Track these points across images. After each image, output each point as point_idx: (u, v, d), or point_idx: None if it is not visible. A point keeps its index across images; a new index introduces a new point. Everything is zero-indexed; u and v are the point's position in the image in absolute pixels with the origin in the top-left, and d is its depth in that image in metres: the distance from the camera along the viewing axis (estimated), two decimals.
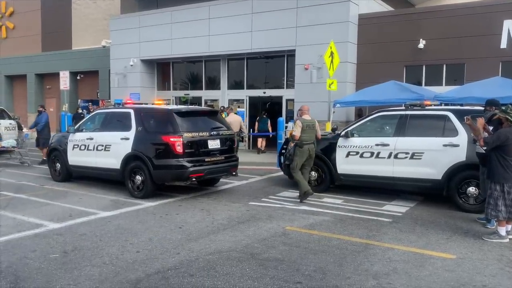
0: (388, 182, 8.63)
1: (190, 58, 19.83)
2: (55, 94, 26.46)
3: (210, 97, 19.97)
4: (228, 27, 17.56)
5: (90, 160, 9.81)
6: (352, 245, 5.90)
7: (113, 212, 7.65)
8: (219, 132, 9.18)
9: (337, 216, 7.45)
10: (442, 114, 8.25)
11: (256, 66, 19.15)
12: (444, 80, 14.73)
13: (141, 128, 8.91)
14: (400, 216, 7.50)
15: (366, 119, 9.29)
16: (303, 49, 15.93)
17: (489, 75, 12.45)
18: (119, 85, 20.96)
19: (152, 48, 19.90)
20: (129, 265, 5.10)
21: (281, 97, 17.86)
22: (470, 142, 7.52)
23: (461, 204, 7.86)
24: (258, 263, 5.14)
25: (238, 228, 6.68)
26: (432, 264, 5.21)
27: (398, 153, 8.39)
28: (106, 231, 6.47)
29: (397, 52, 15.07)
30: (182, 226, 6.78)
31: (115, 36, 21.13)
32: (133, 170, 8.88)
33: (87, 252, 5.54)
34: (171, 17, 19.22)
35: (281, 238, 6.18)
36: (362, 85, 15.07)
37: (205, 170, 8.70)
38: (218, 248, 5.71)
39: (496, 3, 13.62)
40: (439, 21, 14.51)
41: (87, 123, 10.56)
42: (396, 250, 5.68)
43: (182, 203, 8.43)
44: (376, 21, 15.64)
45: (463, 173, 7.82)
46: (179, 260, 5.24)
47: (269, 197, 9.03)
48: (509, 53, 13.42)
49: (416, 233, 6.51)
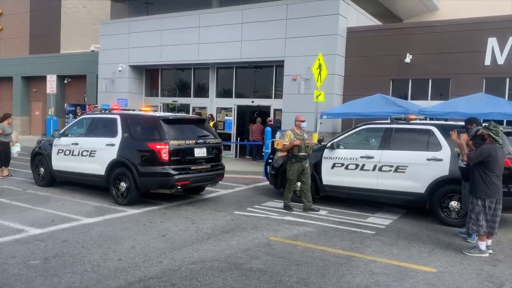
0: (372, 194, 8.71)
1: (179, 65, 19.84)
2: (41, 97, 26.22)
3: (198, 104, 19.96)
4: (218, 36, 17.63)
5: (74, 166, 9.72)
6: (335, 256, 5.93)
7: (97, 219, 7.58)
8: (206, 140, 9.18)
9: (321, 227, 7.49)
10: (427, 129, 8.38)
11: (245, 75, 19.22)
12: (430, 95, 14.95)
13: (127, 135, 8.87)
14: (384, 229, 7.56)
15: (352, 131, 9.39)
16: (291, 60, 16.06)
17: (473, 91, 12.68)
18: (106, 90, 20.84)
19: (141, 54, 19.87)
20: (110, 273, 5.05)
21: (269, 106, 17.95)
22: (454, 156, 7.65)
23: (443, 218, 7.96)
24: (241, 274, 5.14)
25: (222, 237, 6.67)
26: (413, 277, 5.26)
27: (383, 165, 8.48)
28: (89, 238, 6.40)
29: (384, 65, 15.28)
30: (166, 234, 6.74)
31: (104, 41, 21.05)
32: (118, 176, 8.83)
33: (68, 259, 5.48)
34: (161, 24, 19.23)
35: (264, 248, 6.18)
36: (349, 97, 15.22)
37: (190, 178, 8.69)
38: (201, 257, 5.69)
39: (481, 21, 13.92)
40: (426, 36, 14.76)
41: (73, 128, 10.48)
42: (379, 263, 5.73)
43: (166, 211, 8.39)
44: (364, 34, 15.85)
45: (445, 187, 7.93)
46: (161, 269, 5.21)
47: (255, 206, 9.04)
48: (492, 70, 13.70)
49: (398, 246, 6.57)
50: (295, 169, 8.60)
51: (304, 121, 8.90)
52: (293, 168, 8.61)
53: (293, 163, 8.60)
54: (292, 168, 8.62)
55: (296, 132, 8.67)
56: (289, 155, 8.63)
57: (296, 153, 8.53)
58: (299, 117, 9.02)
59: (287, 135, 8.66)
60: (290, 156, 8.62)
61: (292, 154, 8.58)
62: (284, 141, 8.70)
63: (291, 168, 8.64)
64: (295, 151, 8.53)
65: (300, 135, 8.65)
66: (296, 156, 8.55)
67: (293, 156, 8.59)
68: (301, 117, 9.05)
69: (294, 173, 8.61)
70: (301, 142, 8.52)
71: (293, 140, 8.54)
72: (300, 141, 8.51)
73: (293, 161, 8.60)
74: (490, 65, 13.70)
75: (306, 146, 8.62)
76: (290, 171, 8.64)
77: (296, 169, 8.60)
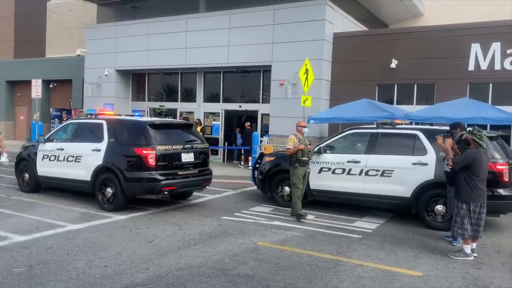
0: (359, 198, 8.77)
1: (166, 69, 19.78)
2: (26, 102, 25.88)
3: (185, 109, 19.90)
4: (205, 40, 17.63)
5: (60, 171, 9.60)
6: (322, 261, 5.94)
7: (82, 225, 7.50)
8: (193, 145, 9.15)
9: (309, 232, 7.50)
10: (412, 133, 8.47)
11: (233, 80, 19.24)
12: (415, 100, 15.12)
13: (113, 140, 8.80)
14: (370, 233, 7.61)
15: (339, 136, 9.44)
16: (279, 65, 16.12)
17: (458, 96, 12.87)
18: (93, 94, 20.68)
19: (127, 59, 19.76)
20: (96, 280, 4.99)
21: (257, 111, 17.97)
22: (439, 160, 7.74)
23: (429, 221, 8.04)
24: (228, 279, 5.12)
25: (209, 243, 6.64)
26: (400, 281, 5.29)
27: (369, 170, 8.55)
28: (74, 245, 6.33)
29: (370, 71, 15.42)
30: (153, 240, 6.69)
31: (90, 45, 20.90)
32: (104, 182, 8.74)
33: (53, 266, 5.41)
34: (148, 28, 19.16)
35: (252, 253, 6.17)
36: (335, 102, 15.33)
37: (177, 183, 8.65)
38: (188, 263, 5.66)
39: (465, 27, 14.16)
40: (411, 42, 14.95)
41: (58, 133, 10.36)
42: (365, 267, 5.76)
43: (153, 217, 8.33)
44: (351, 40, 16.00)
45: (431, 191, 8.01)
46: (148, 276, 5.17)
47: (242, 211, 9.02)
48: (476, 76, 13.93)
49: (385, 250, 6.61)
50: (299, 174, 8.46)
51: (306, 126, 8.85)
52: (297, 173, 8.46)
53: (296, 167, 8.46)
54: (295, 172, 8.47)
55: (298, 137, 8.58)
56: (292, 160, 8.48)
57: (300, 157, 8.44)
58: (301, 123, 8.99)
59: (290, 140, 8.52)
60: (294, 161, 8.46)
61: (295, 158, 8.45)
62: (288, 146, 8.58)
63: (294, 172, 8.48)
64: (299, 155, 8.43)
65: (303, 140, 8.59)
66: (299, 160, 8.43)
67: (296, 161, 8.45)
68: (303, 122, 9.06)
69: (299, 177, 8.46)
70: (304, 146, 8.47)
71: (297, 144, 8.44)
72: (304, 146, 8.45)
73: (297, 166, 8.45)
74: (474, 71, 13.93)
75: (308, 151, 8.58)
76: (294, 176, 8.48)
77: (299, 173, 8.46)
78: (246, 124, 17.43)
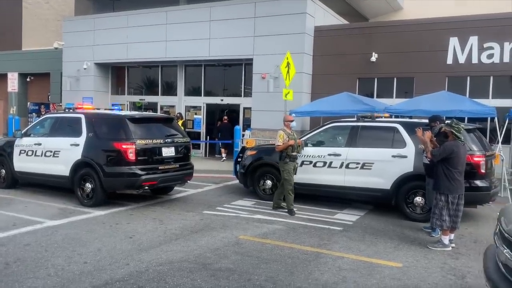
0: (340, 191, 8.84)
1: (146, 63, 19.53)
2: (2, 96, 25.23)
3: (166, 103, 19.72)
4: (186, 33, 17.47)
5: (37, 167, 9.43)
6: (303, 254, 5.97)
7: (61, 221, 7.37)
8: (174, 139, 9.07)
9: (290, 225, 7.53)
10: (391, 126, 8.56)
11: (214, 73, 19.13)
12: (395, 93, 15.28)
13: (92, 134, 8.66)
14: (351, 225, 7.68)
15: (320, 130, 9.48)
16: (260, 58, 16.08)
17: (437, 89, 13.05)
18: (71, 88, 20.31)
19: (106, 52, 19.44)
20: (75, 276, 4.92)
21: (239, 105, 17.93)
22: (418, 153, 7.84)
23: (409, 213, 8.15)
24: (209, 274, 5.11)
25: (191, 237, 6.61)
26: (380, 272, 5.36)
27: (350, 163, 8.61)
28: (53, 241, 6.22)
29: (351, 64, 15.50)
30: (133, 236, 6.63)
31: (68, 38, 20.48)
32: (83, 177, 8.62)
33: (31, 263, 5.31)
34: (127, 21, 18.87)
35: (234, 247, 6.17)
36: (317, 95, 15.38)
37: (158, 178, 8.57)
38: (169, 258, 5.62)
39: (443, 21, 14.33)
40: (391, 35, 15.07)
41: (36, 128, 10.15)
42: (346, 259, 5.81)
43: (133, 212, 8.25)
44: (331, 33, 16.04)
45: (410, 183, 8.12)
46: (128, 271, 5.12)
47: (224, 205, 9.00)
48: (454, 69, 14.13)
49: (365, 241, 6.68)
50: (289, 169, 8.44)
51: (293, 120, 8.80)
52: (288, 168, 8.43)
53: (287, 162, 8.42)
54: (286, 167, 8.43)
55: (287, 132, 8.55)
56: (283, 155, 8.44)
57: (290, 152, 8.40)
58: (288, 117, 8.96)
59: (279, 136, 8.48)
60: (284, 156, 8.43)
61: (286, 154, 8.41)
62: (277, 142, 8.53)
63: (285, 168, 8.43)
64: (289, 151, 8.39)
65: (292, 135, 8.56)
66: (289, 155, 8.40)
67: (286, 156, 8.41)
68: (290, 116, 9.02)
69: (290, 172, 8.44)
70: (294, 142, 8.44)
71: (286, 140, 8.40)
72: (293, 141, 8.41)
73: (287, 161, 8.41)
74: (452, 64, 14.13)
75: (297, 145, 8.54)
76: (285, 171, 8.43)
77: (290, 168, 8.45)
78: (224, 118, 17.43)
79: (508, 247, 3.53)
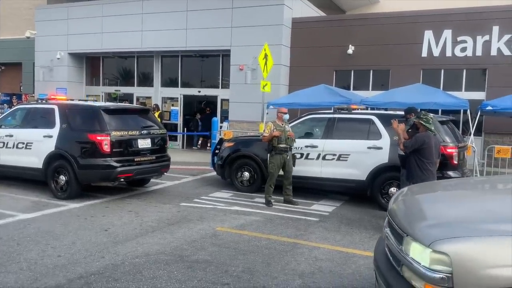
0: (316, 182, 8.93)
1: (121, 53, 19.21)
2: None
3: (142, 94, 19.45)
4: (163, 23, 17.23)
5: (9, 159, 9.19)
6: (280, 244, 6.02)
7: (34, 214, 7.22)
8: (150, 131, 8.97)
9: (267, 216, 7.57)
10: (367, 118, 8.67)
11: (191, 65, 18.94)
12: (371, 85, 15.46)
13: (66, 126, 8.49)
14: (327, 216, 7.77)
15: (297, 121, 9.53)
16: (238, 49, 16.00)
17: (411, 81, 13.26)
18: (44, 79, 19.83)
19: (81, 41, 19.02)
20: (49, 270, 4.84)
21: (216, 96, 17.83)
22: (393, 144, 7.96)
23: (383, 203, 8.26)
24: (186, 266, 5.09)
25: (167, 230, 6.57)
26: (355, 262, 5.45)
27: (326, 154, 8.70)
28: (25, 235, 6.09)
29: (328, 56, 15.59)
30: (108, 228, 6.55)
31: (41, 27, 19.94)
32: (57, 169, 8.45)
33: (2, 257, 5.18)
34: (102, 10, 18.50)
35: (211, 239, 6.17)
36: (294, 87, 15.43)
37: (134, 170, 8.47)
38: (145, 251, 5.58)
39: (418, 15, 14.53)
40: (367, 28, 15.21)
41: (7, 119, 9.88)
42: (322, 249, 5.88)
43: (109, 205, 8.14)
44: (309, 25, 16.08)
45: (385, 174, 8.26)
46: (103, 264, 5.06)
47: (201, 197, 8.98)
48: (429, 62, 14.38)
49: (341, 232, 6.78)
50: (276, 162, 8.31)
51: (286, 113, 8.66)
52: (274, 161, 8.32)
53: (273, 155, 8.32)
54: (272, 160, 8.33)
55: (277, 124, 8.43)
56: (269, 147, 8.37)
57: (276, 144, 8.27)
58: (281, 109, 8.84)
59: (268, 126, 8.41)
60: (270, 149, 8.35)
61: (272, 146, 8.33)
62: (264, 133, 8.50)
63: (271, 161, 8.34)
64: (275, 142, 8.27)
65: (281, 127, 8.43)
66: (276, 148, 8.28)
67: (273, 148, 8.32)
68: (283, 109, 8.87)
69: (275, 166, 8.32)
70: (281, 133, 8.27)
71: (273, 131, 8.31)
72: (279, 133, 8.25)
73: (273, 154, 8.32)
74: (426, 57, 14.38)
75: (287, 138, 8.40)
76: (271, 164, 8.35)
77: (277, 162, 8.32)
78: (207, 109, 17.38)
79: (389, 226, 3.61)
